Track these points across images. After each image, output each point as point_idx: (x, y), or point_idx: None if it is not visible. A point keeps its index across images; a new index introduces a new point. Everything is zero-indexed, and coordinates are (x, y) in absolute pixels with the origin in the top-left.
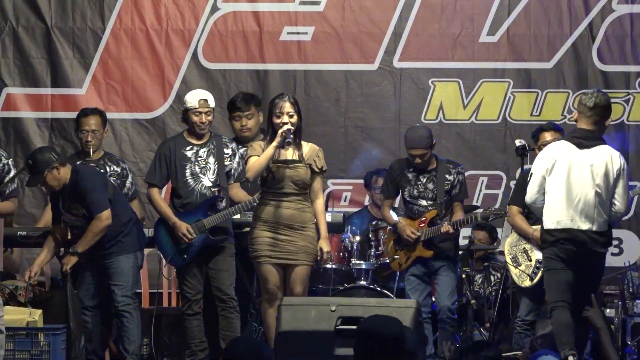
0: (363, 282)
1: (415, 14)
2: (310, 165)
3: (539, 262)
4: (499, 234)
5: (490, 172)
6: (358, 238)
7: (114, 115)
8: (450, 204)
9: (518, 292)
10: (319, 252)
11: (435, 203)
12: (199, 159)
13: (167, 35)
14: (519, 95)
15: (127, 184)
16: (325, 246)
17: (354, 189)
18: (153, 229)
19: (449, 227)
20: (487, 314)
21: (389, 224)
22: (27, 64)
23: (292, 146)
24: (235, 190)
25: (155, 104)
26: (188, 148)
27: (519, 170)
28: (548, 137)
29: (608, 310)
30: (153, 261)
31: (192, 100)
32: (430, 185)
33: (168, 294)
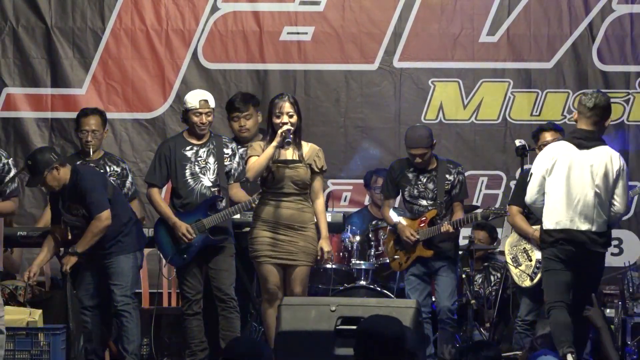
0: (363, 282)
1: (415, 14)
2: (310, 165)
3: (539, 262)
4: (499, 234)
5: (490, 172)
6: (358, 238)
7: (114, 115)
8: (450, 204)
9: (518, 292)
10: (319, 251)
11: (435, 203)
12: (198, 159)
13: (167, 35)
14: (519, 95)
15: (127, 184)
16: (325, 246)
17: (354, 189)
18: (153, 229)
19: (449, 227)
20: (487, 314)
21: (389, 224)
22: (27, 64)
23: (292, 146)
24: (235, 191)
25: (155, 104)
26: (188, 148)
27: (519, 170)
28: (548, 137)
29: (608, 310)
30: (153, 261)
31: (193, 101)
32: (431, 185)
33: (168, 294)
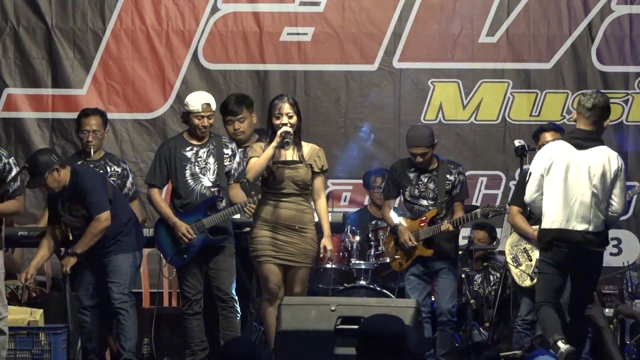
0: (363, 282)
1: (415, 14)
2: (310, 165)
3: None
4: (498, 234)
5: (490, 172)
6: (358, 238)
7: (114, 115)
8: (450, 204)
9: (519, 292)
10: (322, 250)
11: (436, 203)
12: (198, 159)
13: (167, 35)
14: (519, 96)
15: (127, 184)
16: (328, 244)
17: (354, 189)
18: (153, 229)
19: (448, 226)
20: (486, 314)
21: (389, 226)
22: (28, 65)
23: (292, 147)
24: (235, 191)
25: (156, 104)
26: (188, 148)
27: (519, 171)
28: (548, 137)
29: (607, 310)
30: (153, 261)
31: (195, 104)
32: (431, 185)
33: (168, 294)
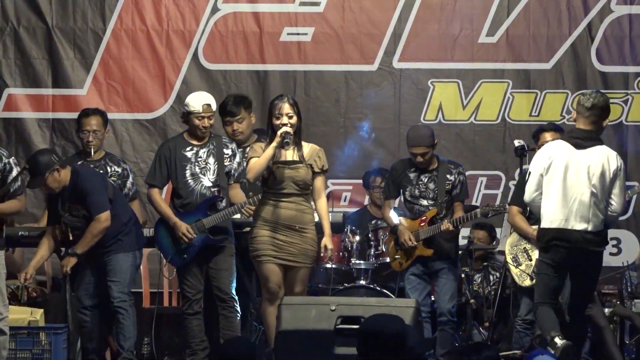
0: (363, 282)
1: (415, 14)
2: (311, 165)
3: None
4: (498, 234)
5: (490, 172)
6: (358, 238)
7: (114, 115)
8: (450, 204)
9: (519, 292)
10: (322, 249)
11: (436, 203)
12: (198, 159)
13: (167, 35)
14: (518, 96)
15: (127, 184)
16: (329, 243)
17: (354, 189)
18: (153, 229)
19: (448, 225)
20: (486, 314)
21: (389, 225)
22: (29, 65)
23: (292, 147)
24: (235, 191)
25: (156, 105)
26: (188, 149)
27: (518, 171)
28: (548, 137)
29: (606, 310)
30: (154, 261)
31: (196, 105)
32: (432, 185)
33: (169, 294)
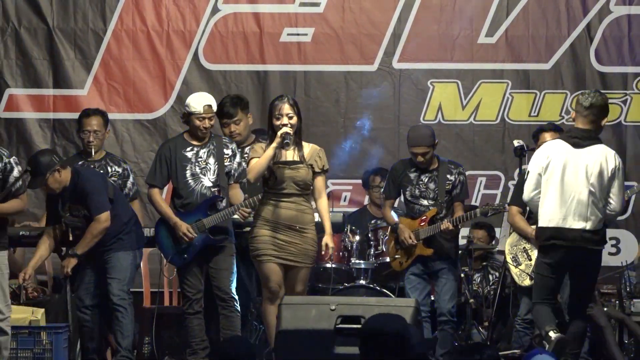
0: (362, 281)
1: (415, 15)
2: (311, 165)
3: None
4: (497, 234)
5: (489, 172)
6: (357, 238)
7: (115, 115)
8: (451, 204)
9: (518, 292)
10: (323, 247)
11: (436, 202)
12: (199, 159)
13: (168, 36)
14: (518, 96)
15: (128, 184)
16: (330, 241)
17: (354, 189)
18: (154, 229)
19: (448, 224)
20: (485, 313)
21: (389, 224)
22: (30, 65)
23: (293, 147)
24: (234, 191)
25: (157, 105)
26: (188, 149)
27: (517, 171)
28: (548, 137)
29: (605, 309)
30: (154, 261)
31: (197, 106)
32: (432, 185)
33: (169, 293)
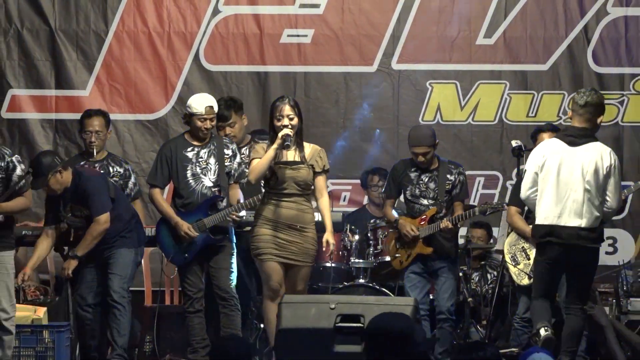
0: (362, 280)
1: (413, 16)
2: (312, 166)
3: None
4: (495, 233)
5: (487, 172)
6: (357, 237)
7: (117, 116)
8: (450, 204)
9: (517, 291)
10: (324, 244)
11: (436, 202)
12: (199, 159)
13: (169, 37)
14: (515, 97)
15: (129, 184)
16: (331, 239)
17: (353, 189)
18: (155, 229)
19: (448, 223)
20: (483, 312)
21: (389, 221)
22: (32, 66)
23: (293, 147)
24: (233, 192)
25: (158, 106)
26: (189, 149)
27: (515, 171)
28: (547, 138)
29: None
30: (155, 260)
31: (198, 107)
32: (432, 185)
33: (170, 292)
